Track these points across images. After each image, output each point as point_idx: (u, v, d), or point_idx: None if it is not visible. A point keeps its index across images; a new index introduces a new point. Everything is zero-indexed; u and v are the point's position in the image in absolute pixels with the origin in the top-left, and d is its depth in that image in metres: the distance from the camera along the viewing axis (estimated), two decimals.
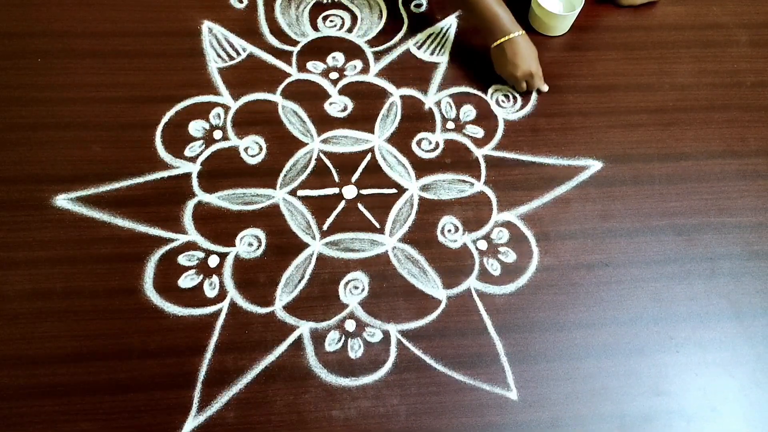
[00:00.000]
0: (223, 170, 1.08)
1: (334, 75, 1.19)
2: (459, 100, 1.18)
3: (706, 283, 1.03)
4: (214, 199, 1.05)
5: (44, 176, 1.05)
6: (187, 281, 0.98)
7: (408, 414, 0.91)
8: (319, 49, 1.22)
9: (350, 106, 1.16)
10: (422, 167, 1.11)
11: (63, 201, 1.03)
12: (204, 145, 1.10)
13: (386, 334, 0.96)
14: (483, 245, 1.04)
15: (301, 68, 1.19)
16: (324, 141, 1.12)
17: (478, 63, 1.21)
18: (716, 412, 0.94)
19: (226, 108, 1.14)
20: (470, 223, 1.06)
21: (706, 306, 1.01)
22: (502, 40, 1.11)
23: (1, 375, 0.91)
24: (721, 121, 1.19)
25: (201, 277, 0.99)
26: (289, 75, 1.18)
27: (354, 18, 1.26)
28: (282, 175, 1.08)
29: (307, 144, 1.11)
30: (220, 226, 1.03)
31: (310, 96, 1.16)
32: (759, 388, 0.96)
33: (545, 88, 1.18)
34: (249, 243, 1.02)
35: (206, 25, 1.23)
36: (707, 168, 1.13)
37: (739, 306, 1.01)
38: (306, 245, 1.02)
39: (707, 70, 1.24)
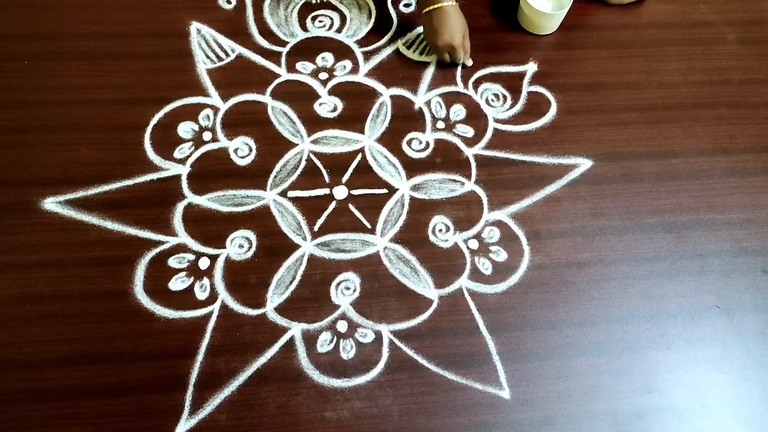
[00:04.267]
0: (213, 172, 1.07)
1: (323, 75, 1.18)
2: (449, 99, 1.18)
3: (696, 280, 1.03)
4: (204, 200, 1.05)
5: (32, 179, 1.04)
6: (177, 284, 0.98)
7: (401, 414, 0.91)
8: (308, 49, 1.21)
9: (340, 106, 1.15)
10: (413, 167, 1.10)
11: (51, 204, 1.03)
12: (193, 147, 1.09)
13: (378, 335, 0.96)
14: (474, 244, 1.04)
15: (291, 69, 1.19)
16: (314, 141, 1.12)
17: None
18: (707, 408, 0.94)
19: (216, 109, 1.13)
20: (461, 222, 1.06)
21: (697, 303, 1.02)
22: (431, 8, 1.13)
23: None
24: (709, 118, 1.19)
25: (191, 279, 0.98)
26: (278, 75, 1.18)
27: (343, 18, 1.26)
28: (272, 176, 1.08)
29: (297, 145, 1.11)
30: (211, 228, 1.03)
31: (299, 96, 1.16)
32: (749, 384, 0.96)
33: (469, 62, 1.20)
34: (239, 245, 1.02)
35: (194, 26, 1.22)
36: (696, 165, 1.14)
37: (728, 302, 1.02)
38: (297, 246, 1.02)
39: (695, 68, 1.25)
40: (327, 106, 1.15)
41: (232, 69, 1.18)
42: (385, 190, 1.08)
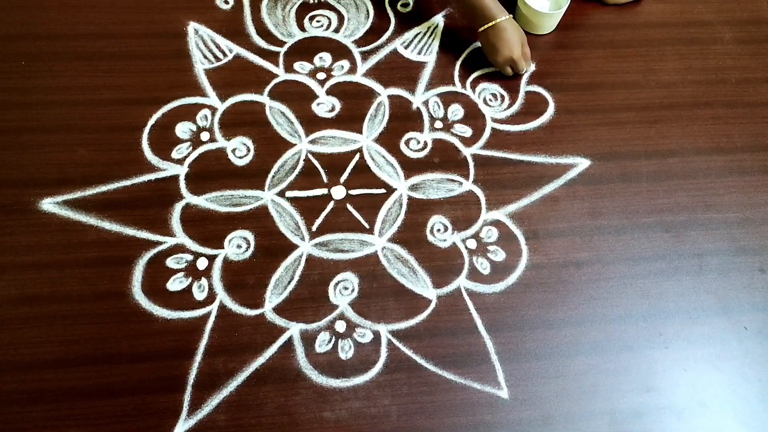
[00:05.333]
0: (211, 172, 1.07)
1: (321, 75, 1.18)
2: (446, 99, 1.18)
3: (694, 279, 1.04)
4: (202, 201, 1.05)
5: (30, 180, 1.04)
6: (175, 284, 0.98)
7: (399, 414, 0.91)
8: (306, 49, 1.21)
9: (338, 106, 1.15)
10: (411, 167, 1.10)
11: (49, 205, 1.02)
12: (191, 147, 1.09)
13: (376, 335, 0.96)
14: (472, 244, 1.04)
15: (288, 69, 1.19)
16: (312, 141, 1.12)
17: (465, 62, 1.21)
18: (705, 407, 0.94)
19: (213, 109, 1.13)
20: (459, 222, 1.06)
21: (695, 302, 1.02)
22: (487, 26, 1.13)
23: None
24: (706, 117, 1.19)
25: (190, 279, 0.98)
26: (276, 75, 1.18)
27: (341, 18, 1.26)
28: (270, 176, 1.08)
29: (295, 145, 1.11)
30: (209, 229, 1.02)
31: (297, 96, 1.16)
32: (747, 383, 0.96)
33: (530, 69, 1.22)
34: (238, 245, 1.01)
35: (192, 26, 1.22)
36: (693, 165, 1.14)
37: (726, 301, 1.02)
38: (295, 246, 1.02)
39: (692, 67, 1.25)
40: (325, 106, 1.15)
41: (230, 69, 1.18)
42: (383, 190, 1.08)
